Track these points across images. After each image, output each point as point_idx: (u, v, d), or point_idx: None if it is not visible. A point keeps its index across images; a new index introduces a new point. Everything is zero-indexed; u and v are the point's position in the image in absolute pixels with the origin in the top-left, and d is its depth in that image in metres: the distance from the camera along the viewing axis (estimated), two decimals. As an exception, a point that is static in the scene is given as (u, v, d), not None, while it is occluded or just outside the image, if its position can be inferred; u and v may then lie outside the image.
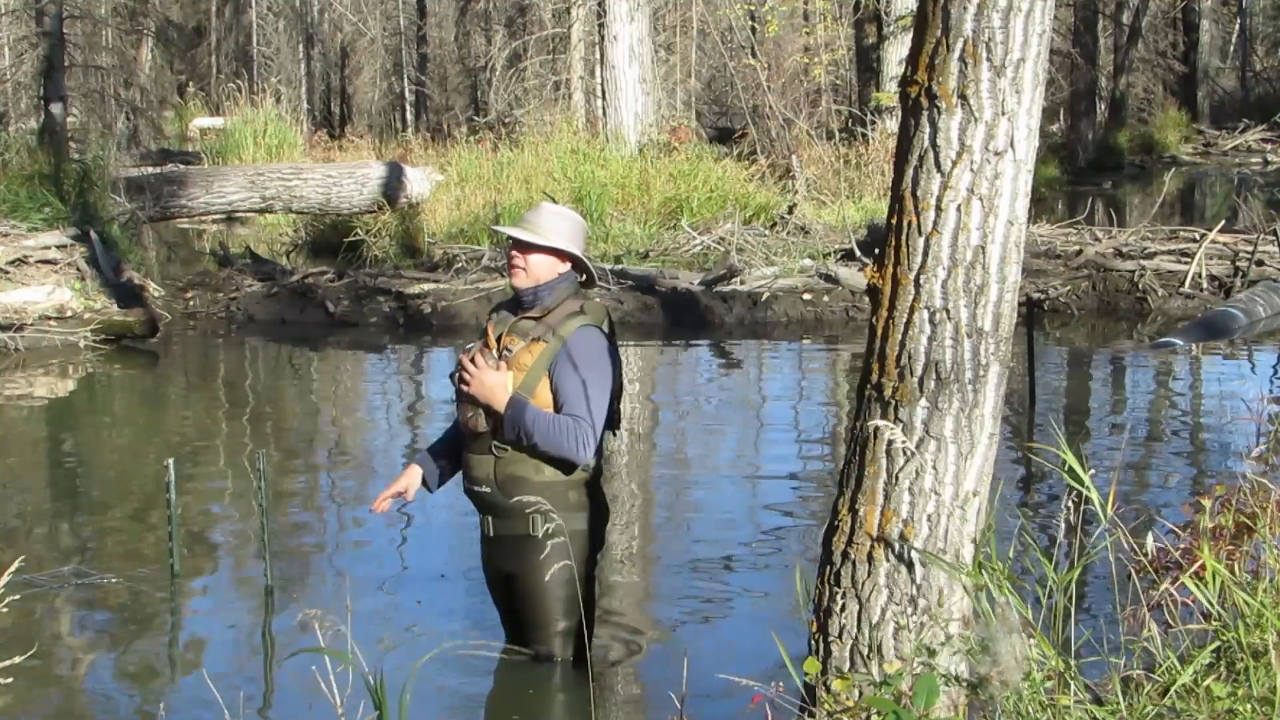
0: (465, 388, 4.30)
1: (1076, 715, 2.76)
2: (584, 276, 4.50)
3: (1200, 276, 12.34)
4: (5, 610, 3.29)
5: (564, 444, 4.24)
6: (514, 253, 4.37)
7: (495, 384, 4.25)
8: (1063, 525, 3.12)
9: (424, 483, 4.58)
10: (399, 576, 5.81)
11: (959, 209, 3.03)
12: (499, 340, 4.36)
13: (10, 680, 3.28)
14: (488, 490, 4.35)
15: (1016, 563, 3.12)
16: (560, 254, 4.38)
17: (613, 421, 4.41)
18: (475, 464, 4.38)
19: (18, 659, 3.28)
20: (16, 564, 3.41)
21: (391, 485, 4.58)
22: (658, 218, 15.08)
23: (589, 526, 4.41)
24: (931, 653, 2.94)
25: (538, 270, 4.36)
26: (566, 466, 4.31)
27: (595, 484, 4.45)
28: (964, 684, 2.87)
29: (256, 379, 11.19)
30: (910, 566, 3.11)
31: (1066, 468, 3.04)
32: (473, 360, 4.30)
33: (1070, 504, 3.13)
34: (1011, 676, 2.69)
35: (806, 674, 3.03)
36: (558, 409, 4.26)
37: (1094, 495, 3.00)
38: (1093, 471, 3.08)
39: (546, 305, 4.36)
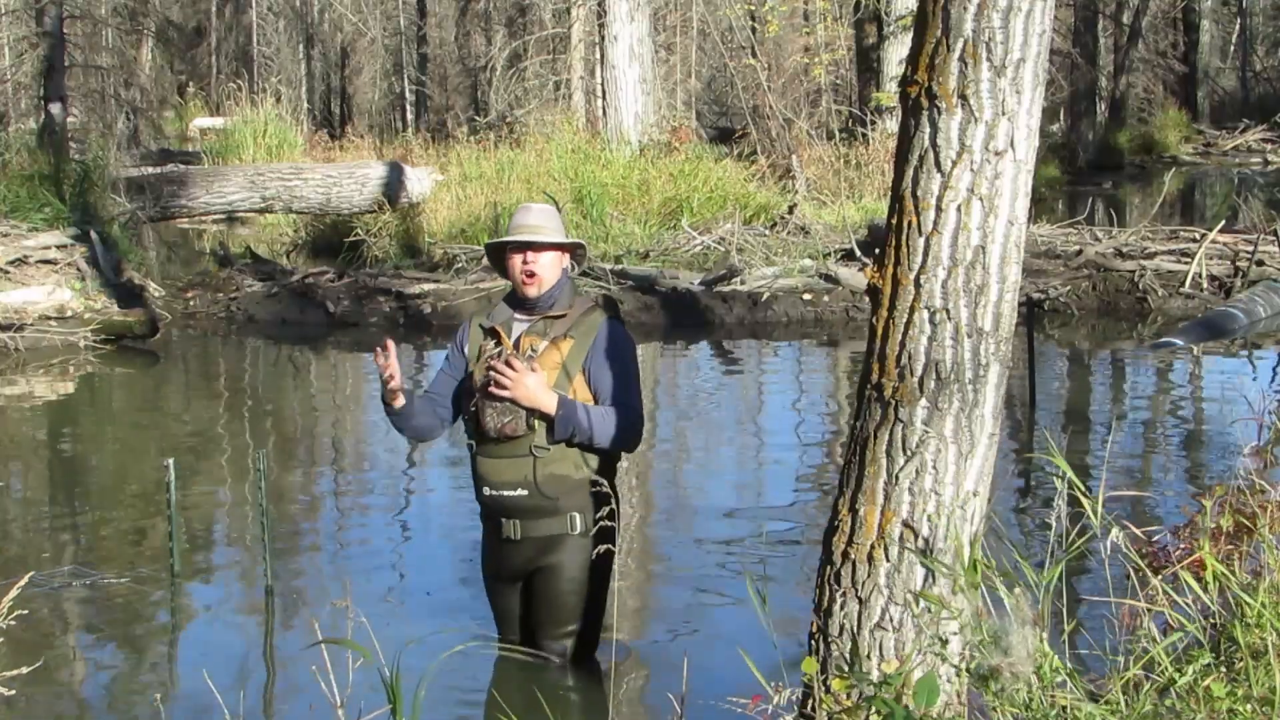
0: (503, 393, 4.17)
1: (1076, 715, 2.76)
2: (575, 267, 4.51)
3: (1200, 276, 12.34)
4: (4, 610, 3.29)
5: (621, 435, 4.21)
6: (526, 262, 4.29)
7: (538, 386, 4.16)
8: (1054, 525, 3.12)
9: (400, 396, 4.30)
10: (400, 575, 5.81)
11: (959, 209, 3.03)
12: (516, 344, 4.31)
13: (10, 685, 3.27)
14: (524, 493, 4.25)
15: (1015, 567, 3.12)
16: (561, 247, 4.38)
17: None
18: (506, 468, 4.26)
19: (24, 670, 3.27)
20: (26, 578, 3.40)
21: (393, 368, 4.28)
22: (658, 218, 15.06)
23: (614, 524, 4.40)
24: (944, 642, 2.94)
25: (550, 272, 4.34)
26: (605, 462, 4.28)
27: (614, 482, 4.44)
28: (974, 675, 2.86)
29: (257, 379, 11.19)
30: (910, 566, 3.11)
31: (1062, 474, 3.03)
32: (507, 364, 4.18)
33: (1062, 507, 3.12)
34: (1023, 668, 2.68)
35: (804, 674, 3.03)
36: (598, 402, 4.25)
37: (1084, 499, 2.99)
38: (1092, 474, 3.08)
39: (564, 304, 4.35)
